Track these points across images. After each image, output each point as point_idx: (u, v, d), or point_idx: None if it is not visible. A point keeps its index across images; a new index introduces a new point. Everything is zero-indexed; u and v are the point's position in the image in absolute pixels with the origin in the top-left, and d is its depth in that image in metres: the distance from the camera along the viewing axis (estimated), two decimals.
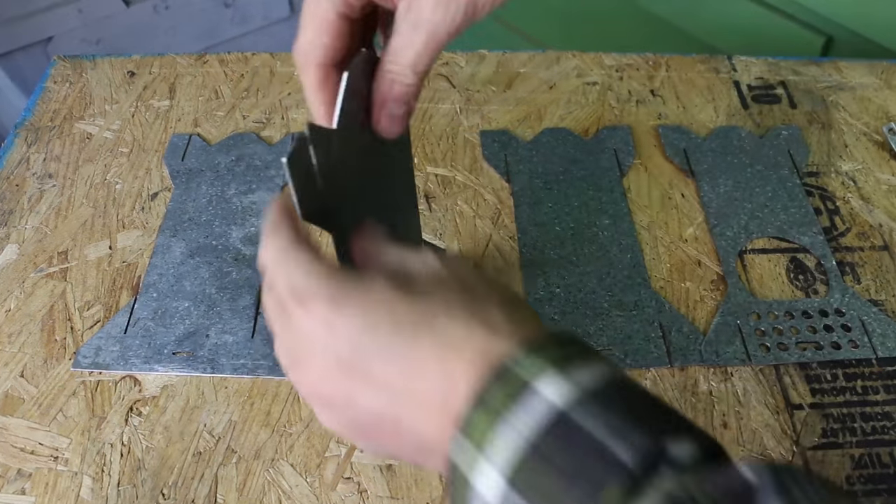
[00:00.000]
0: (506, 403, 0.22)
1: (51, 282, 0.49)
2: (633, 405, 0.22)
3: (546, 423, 0.21)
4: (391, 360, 0.24)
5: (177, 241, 0.51)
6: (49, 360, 0.45)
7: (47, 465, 0.41)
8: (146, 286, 0.49)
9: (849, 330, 0.47)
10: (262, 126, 0.60)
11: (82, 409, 0.43)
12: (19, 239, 0.52)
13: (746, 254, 0.51)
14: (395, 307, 0.24)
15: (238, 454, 0.41)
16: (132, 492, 0.40)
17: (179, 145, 0.58)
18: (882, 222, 0.53)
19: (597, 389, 0.22)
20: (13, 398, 0.43)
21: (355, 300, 0.25)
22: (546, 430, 0.21)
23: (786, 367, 0.45)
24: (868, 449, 0.42)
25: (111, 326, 0.47)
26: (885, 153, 0.58)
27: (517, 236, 0.52)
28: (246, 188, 0.55)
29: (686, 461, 0.21)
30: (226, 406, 0.43)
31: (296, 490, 0.40)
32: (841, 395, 0.44)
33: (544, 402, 0.21)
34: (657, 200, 0.54)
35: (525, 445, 0.21)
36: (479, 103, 0.61)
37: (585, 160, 0.57)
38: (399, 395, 0.24)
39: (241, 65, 0.65)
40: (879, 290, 0.49)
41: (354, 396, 0.25)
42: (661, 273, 0.50)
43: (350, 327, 0.24)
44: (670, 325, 0.47)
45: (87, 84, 0.63)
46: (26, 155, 0.57)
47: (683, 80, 0.64)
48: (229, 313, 0.47)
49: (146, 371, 0.45)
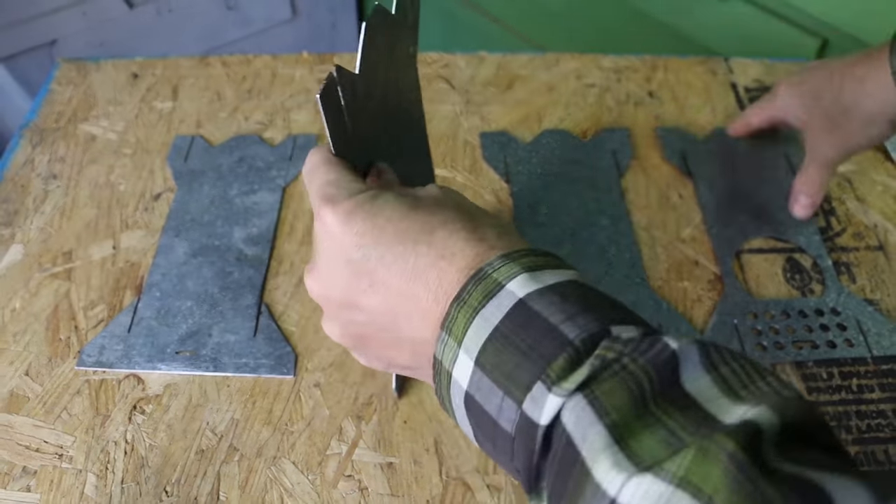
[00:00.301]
0: (481, 300, 0.25)
1: (55, 281, 0.50)
2: (589, 299, 0.25)
3: (509, 311, 0.24)
4: (393, 265, 0.27)
5: (180, 242, 0.52)
6: (53, 359, 0.46)
7: (52, 462, 0.41)
8: (149, 286, 0.49)
9: (844, 329, 0.47)
10: (264, 128, 0.60)
11: (86, 407, 0.44)
12: (24, 239, 0.52)
13: (743, 254, 0.51)
14: (400, 220, 0.27)
15: (240, 452, 0.42)
16: (135, 489, 0.40)
17: (182, 146, 0.58)
18: (877, 223, 0.53)
19: (557, 285, 0.25)
20: (18, 396, 0.44)
21: (367, 210, 0.28)
22: (507, 314, 0.24)
23: (782, 366, 0.46)
24: (863, 447, 0.42)
25: (115, 326, 0.47)
26: (880, 155, 0.58)
27: None
28: (248, 189, 0.55)
29: (625, 339, 0.23)
30: (228, 404, 0.44)
31: (297, 488, 0.40)
32: (836, 394, 0.44)
33: (510, 295, 0.25)
34: (655, 201, 0.55)
35: (490, 329, 0.24)
36: (478, 105, 0.62)
37: (584, 161, 0.57)
38: (398, 296, 0.27)
39: (244, 67, 0.65)
40: (874, 290, 0.49)
41: (357, 297, 0.28)
42: (658, 273, 0.50)
43: (359, 234, 0.27)
44: (668, 324, 0.47)
45: (91, 86, 0.64)
46: (31, 156, 0.58)
47: (681, 81, 0.64)
48: (231, 312, 0.48)
49: (149, 370, 0.45)
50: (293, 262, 0.51)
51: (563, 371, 0.23)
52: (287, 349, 0.46)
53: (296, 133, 0.60)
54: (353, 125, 0.32)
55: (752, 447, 0.20)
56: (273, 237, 0.52)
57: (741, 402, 0.22)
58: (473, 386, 0.25)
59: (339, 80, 0.30)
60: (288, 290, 0.49)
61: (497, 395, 0.24)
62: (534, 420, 0.23)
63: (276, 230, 0.53)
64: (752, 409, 0.21)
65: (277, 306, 0.48)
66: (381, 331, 0.29)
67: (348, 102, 0.31)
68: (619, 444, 0.21)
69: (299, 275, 0.50)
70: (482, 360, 0.25)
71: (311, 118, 0.61)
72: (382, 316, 0.28)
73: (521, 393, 0.24)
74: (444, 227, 0.27)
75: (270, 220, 0.53)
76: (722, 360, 0.23)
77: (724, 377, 0.23)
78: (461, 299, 0.25)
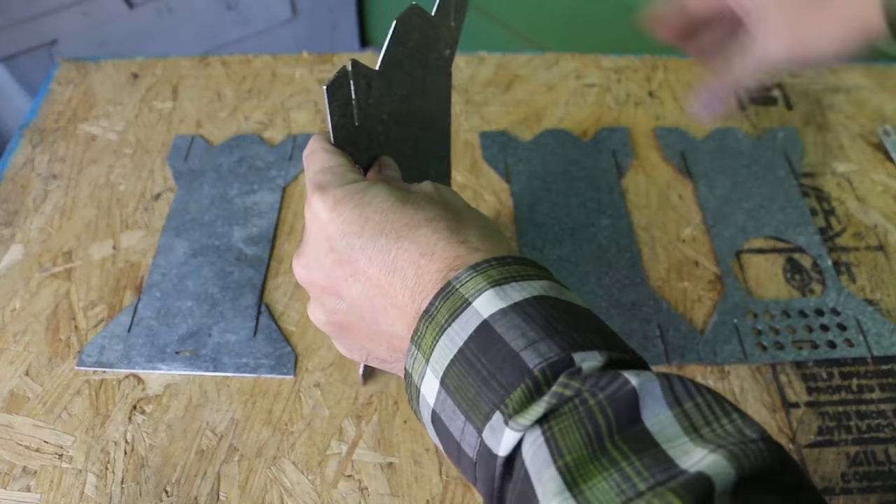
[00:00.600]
0: (447, 318, 0.25)
1: (55, 281, 0.50)
2: (554, 320, 0.24)
3: (472, 332, 0.24)
4: (374, 257, 0.27)
5: (180, 241, 0.52)
6: (54, 359, 0.46)
7: (52, 462, 0.41)
8: (149, 286, 0.49)
9: (844, 329, 0.47)
10: (264, 127, 0.60)
11: (86, 407, 0.44)
12: (24, 239, 0.52)
13: (743, 254, 0.51)
14: (386, 213, 0.28)
15: (240, 452, 0.42)
16: (136, 489, 0.40)
17: (182, 146, 0.58)
18: (877, 223, 0.53)
19: (523, 303, 0.24)
20: (18, 396, 0.44)
21: (356, 200, 0.28)
22: (471, 336, 0.24)
23: (782, 366, 0.46)
24: (863, 447, 0.42)
25: (115, 325, 0.47)
26: (880, 154, 0.58)
27: (517, 236, 0.52)
28: (248, 189, 0.55)
29: (586, 370, 0.23)
30: (228, 404, 0.44)
31: (297, 488, 0.40)
32: (836, 394, 0.44)
33: (475, 314, 0.24)
34: (655, 201, 0.55)
35: (455, 351, 0.24)
36: (478, 105, 0.62)
37: (584, 161, 0.57)
38: (377, 287, 0.27)
39: (244, 67, 0.65)
40: (874, 290, 0.49)
41: (339, 285, 0.28)
42: (659, 273, 0.50)
43: (345, 223, 0.28)
44: (668, 324, 0.47)
45: (91, 86, 0.64)
46: (31, 156, 0.58)
47: (681, 81, 0.64)
48: (231, 312, 0.48)
49: (149, 370, 0.45)
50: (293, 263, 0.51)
51: (520, 404, 0.23)
52: (287, 349, 0.46)
53: (296, 133, 0.60)
54: (361, 119, 0.32)
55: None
56: (273, 237, 0.52)
57: (702, 444, 0.21)
58: (439, 405, 0.25)
59: (353, 75, 0.30)
60: (288, 290, 0.49)
61: (460, 419, 0.24)
62: (492, 451, 0.23)
63: (276, 230, 0.53)
64: (710, 455, 0.20)
65: (277, 306, 0.48)
66: (360, 321, 0.29)
67: (360, 98, 0.31)
68: (570, 489, 0.21)
69: None
70: (447, 382, 0.25)
71: (311, 118, 0.61)
72: (361, 307, 0.28)
73: (481, 422, 0.24)
74: (428, 224, 0.27)
75: (270, 219, 0.53)
76: (687, 393, 0.22)
77: (686, 413, 0.22)
78: (429, 314, 0.25)
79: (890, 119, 0.61)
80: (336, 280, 0.29)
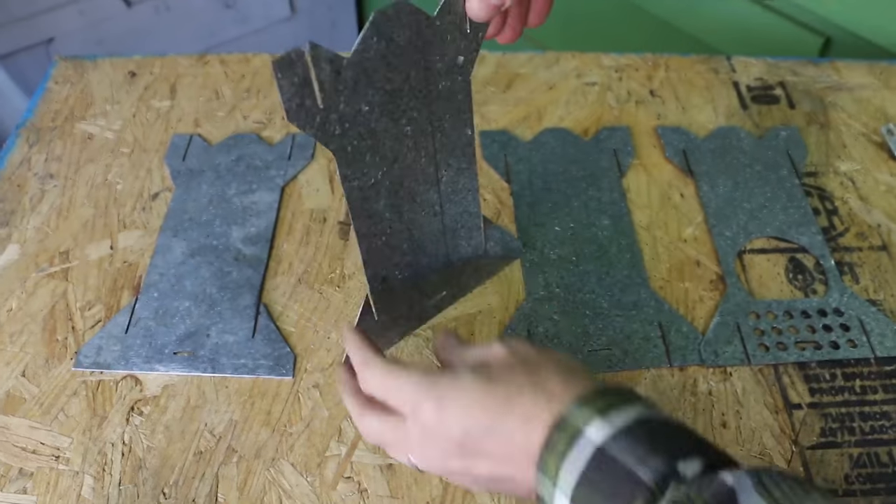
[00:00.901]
0: (566, 446, 0.30)
1: (52, 281, 0.49)
2: (656, 436, 0.29)
3: (591, 457, 0.29)
4: (490, 437, 0.32)
5: (177, 241, 0.51)
6: (50, 360, 0.45)
7: (49, 464, 0.41)
8: (147, 286, 0.49)
9: (847, 329, 0.47)
10: (263, 126, 0.60)
11: (83, 408, 0.43)
12: (21, 239, 0.52)
13: (745, 254, 0.51)
14: (483, 398, 0.33)
15: (239, 453, 0.41)
16: (133, 491, 0.40)
17: (180, 145, 0.58)
18: (880, 222, 0.53)
19: (628, 427, 0.29)
20: (15, 398, 0.44)
21: (454, 398, 0.33)
22: (590, 462, 0.29)
23: (784, 367, 0.45)
24: (866, 448, 0.42)
25: (112, 326, 0.47)
26: (883, 153, 0.58)
27: (517, 236, 0.52)
28: (246, 188, 0.55)
29: (690, 476, 0.28)
30: (226, 405, 0.43)
31: (296, 489, 0.40)
32: (839, 395, 0.44)
33: (590, 442, 0.29)
34: (656, 200, 0.55)
35: (579, 475, 0.29)
36: (478, 104, 0.62)
37: (585, 160, 0.57)
38: (501, 459, 0.32)
39: (242, 65, 0.65)
40: (878, 290, 0.49)
41: (471, 467, 0.33)
42: (660, 273, 0.50)
43: (457, 418, 0.32)
44: (669, 324, 0.47)
45: (88, 84, 0.63)
46: (28, 155, 0.58)
47: (682, 80, 0.64)
48: (230, 313, 0.47)
49: (147, 371, 0.45)
50: (292, 263, 0.51)
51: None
52: (286, 350, 0.46)
53: (295, 132, 0.59)
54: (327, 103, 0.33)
55: None
56: (272, 237, 0.52)
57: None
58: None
59: (313, 58, 0.31)
60: (287, 290, 0.49)
61: None
62: None
63: (275, 230, 0.52)
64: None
65: (276, 306, 0.48)
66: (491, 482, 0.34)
67: (324, 81, 0.32)
68: None
69: (298, 275, 0.50)
70: (576, 500, 0.29)
71: None
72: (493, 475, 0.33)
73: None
74: (519, 393, 0.32)
75: (269, 219, 0.53)
76: (774, 483, 0.27)
77: (776, 500, 0.26)
78: (551, 446, 0.30)
79: (893, 118, 0.60)
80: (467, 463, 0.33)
